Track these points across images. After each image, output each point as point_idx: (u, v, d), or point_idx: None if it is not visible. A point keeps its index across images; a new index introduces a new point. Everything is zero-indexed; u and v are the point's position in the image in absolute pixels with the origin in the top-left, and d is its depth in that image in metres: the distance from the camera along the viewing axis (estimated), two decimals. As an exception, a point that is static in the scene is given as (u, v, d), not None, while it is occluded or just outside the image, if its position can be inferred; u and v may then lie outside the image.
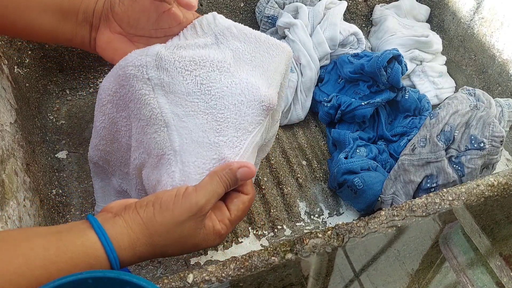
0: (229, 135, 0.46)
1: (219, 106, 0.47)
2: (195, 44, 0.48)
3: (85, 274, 0.31)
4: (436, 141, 0.60)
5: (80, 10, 0.47)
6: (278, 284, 0.44)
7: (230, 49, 0.48)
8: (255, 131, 0.47)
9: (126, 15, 0.46)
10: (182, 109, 0.46)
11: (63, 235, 0.36)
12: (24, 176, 0.54)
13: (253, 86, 0.47)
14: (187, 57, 0.47)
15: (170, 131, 0.45)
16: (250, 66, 0.49)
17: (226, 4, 0.80)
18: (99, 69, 0.75)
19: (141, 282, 0.31)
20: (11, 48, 0.65)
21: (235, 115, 0.47)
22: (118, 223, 0.38)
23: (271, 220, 0.66)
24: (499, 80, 0.80)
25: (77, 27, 0.48)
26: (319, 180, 0.71)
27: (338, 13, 0.77)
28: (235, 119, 0.46)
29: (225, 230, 0.43)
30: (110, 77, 0.48)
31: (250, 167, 0.44)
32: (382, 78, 0.69)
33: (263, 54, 0.49)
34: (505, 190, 0.48)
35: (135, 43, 0.49)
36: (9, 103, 0.57)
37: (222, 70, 0.48)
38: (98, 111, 0.50)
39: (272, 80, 0.49)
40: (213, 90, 0.47)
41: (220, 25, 0.48)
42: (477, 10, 0.82)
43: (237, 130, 0.46)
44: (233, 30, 0.48)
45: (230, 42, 0.48)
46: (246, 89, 0.47)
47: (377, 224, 0.43)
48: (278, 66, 0.50)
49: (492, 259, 0.52)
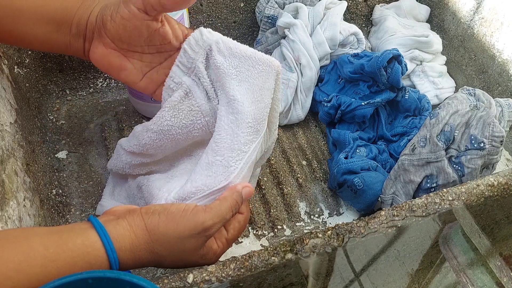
0: (225, 155, 0.46)
1: (217, 128, 0.48)
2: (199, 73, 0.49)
3: (85, 274, 0.32)
4: (436, 141, 0.60)
5: (73, 23, 0.47)
6: (278, 284, 0.44)
7: (216, 66, 0.48)
8: (250, 151, 0.47)
9: (118, 32, 0.46)
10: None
11: (64, 234, 0.36)
12: (24, 176, 0.54)
13: (238, 103, 0.47)
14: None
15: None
16: (236, 81, 0.48)
17: (226, 4, 0.80)
18: (99, 69, 0.75)
19: (141, 282, 0.31)
20: (11, 48, 0.65)
21: (229, 135, 0.47)
22: (121, 225, 0.38)
23: (271, 220, 0.65)
24: (499, 80, 0.80)
25: (71, 39, 0.48)
26: (319, 180, 0.71)
27: (338, 13, 0.77)
28: (230, 140, 0.47)
29: (222, 249, 0.44)
30: (164, 140, 0.52)
31: (250, 186, 0.46)
32: (382, 78, 0.69)
33: (248, 69, 0.48)
34: (505, 190, 0.48)
35: (129, 58, 0.49)
36: (9, 103, 0.57)
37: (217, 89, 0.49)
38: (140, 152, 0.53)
39: (258, 96, 0.48)
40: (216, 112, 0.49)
41: (208, 40, 0.48)
42: (477, 10, 0.82)
43: (231, 150, 0.47)
44: (220, 44, 0.48)
45: (215, 58, 0.48)
46: (234, 107, 0.47)
47: (377, 224, 0.43)
48: (266, 81, 0.49)
49: (492, 259, 0.52)
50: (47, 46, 0.49)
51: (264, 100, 0.49)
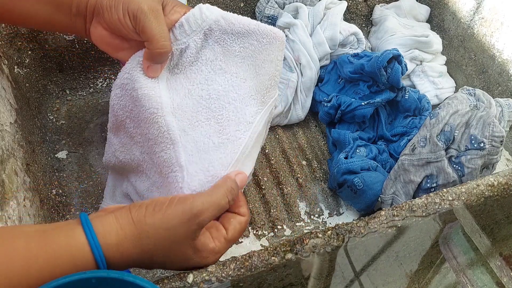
0: (231, 131, 0.46)
1: (217, 108, 0.47)
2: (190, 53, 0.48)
3: (88, 273, 0.31)
4: (436, 141, 0.60)
5: (73, 3, 0.47)
6: (278, 284, 0.44)
7: (219, 44, 0.48)
8: (256, 121, 0.47)
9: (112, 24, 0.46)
10: (188, 122, 0.46)
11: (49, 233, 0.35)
12: (24, 176, 0.54)
13: (241, 79, 0.47)
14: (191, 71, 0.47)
15: (176, 148, 0.45)
16: (239, 57, 0.48)
17: (226, 4, 0.80)
18: (99, 69, 0.75)
19: (144, 283, 0.31)
20: (11, 48, 0.65)
21: (232, 112, 0.47)
22: (108, 220, 0.37)
23: (271, 220, 0.65)
24: (499, 80, 0.80)
25: (72, 18, 0.48)
26: (319, 180, 0.71)
27: (338, 13, 0.77)
28: (235, 116, 0.46)
29: (220, 248, 0.41)
30: (124, 97, 0.48)
31: (244, 173, 0.45)
32: (382, 78, 0.69)
33: (252, 43, 0.48)
34: (505, 190, 0.48)
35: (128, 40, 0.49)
36: (9, 103, 0.57)
37: (216, 69, 0.48)
38: (117, 125, 0.51)
39: (261, 69, 0.48)
40: (212, 93, 0.47)
41: (208, 19, 0.47)
42: (477, 10, 0.82)
43: (237, 125, 0.46)
44: (221, 22, 0.47)
45: (218, 36, 0.47)
46: (236, 84, 0.47)
47: (377, 224, 0.43)
48: (270, 53, 0.48)
49: (492, 259, 0.52)
50: (48, 26, 0.49)
51: (268, 72, 0.48)
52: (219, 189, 0.41)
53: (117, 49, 0.49)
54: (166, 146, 0.45)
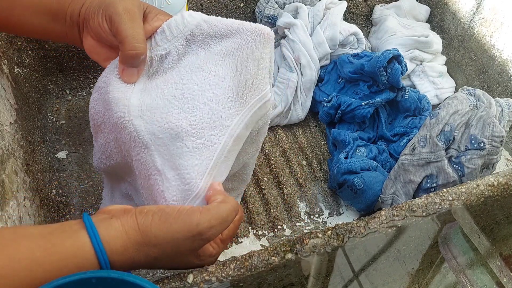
0: (206, 135, 0.44)
1: (191, 109, 0.45)
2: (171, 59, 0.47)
3: (89, 273, 0.31)
4: (436, 141, 0.60)
5: (67, 14, 0.47)
6: (278, 284, 0.44)
7: (203, 48, 0.47)
8: (233, 124, 0.45)
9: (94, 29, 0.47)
10: (158, 124, 0.44)
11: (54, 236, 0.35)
12: (24, 176, 0.54)
13: (219, 78, 0.45)
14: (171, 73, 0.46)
15: (150, 152, 0.44)
16: (220, 55, 0.46)
17: (226, 4, 0.80)
18: (99, 69, 0.75)
19: (144, 283, 0.31)
20: (11, 48, 0.65)
21: (207, 114, 0.44)
22: (114, 225, 0.37)
23: (271, 220, 0.66)
24: (499, 80, 0.80)
25: (67, 28, 0.48)
26: (319, 180, 0.71)
27: (338, 13, 0.77)
28: (209, 118, 0.44)
29: (217, 250, 0.42)
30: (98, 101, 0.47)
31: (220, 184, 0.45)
32: (382, 78, 0.69)
33: (235, 41, 0.46)
34: (505, 190, 0.48)
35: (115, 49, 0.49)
36: (9, 103, 0.57)
37: (193, 68, 0.46)
38: (95, 130, 0.50)
39: (242, 68, 0.46)
40: (186, 93, 0.45)
41: (189, 24, 0.46)
42: (477, 10, 0.82)
43: (212, 129, 0.44)
44: (203, 26, 0.46)
45: (201, 40, 0.47)
46: (214, 83, 0.45)
47: (377, 224, 0.43)
48: (253, 51, 0.46)
49: (492, 259, 0.52)
50: (45, 35, 0.50)
51: (249, 71, 0.46)
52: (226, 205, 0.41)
53: (106, 59, 0.49)
54: (140, 150, 0.44)
